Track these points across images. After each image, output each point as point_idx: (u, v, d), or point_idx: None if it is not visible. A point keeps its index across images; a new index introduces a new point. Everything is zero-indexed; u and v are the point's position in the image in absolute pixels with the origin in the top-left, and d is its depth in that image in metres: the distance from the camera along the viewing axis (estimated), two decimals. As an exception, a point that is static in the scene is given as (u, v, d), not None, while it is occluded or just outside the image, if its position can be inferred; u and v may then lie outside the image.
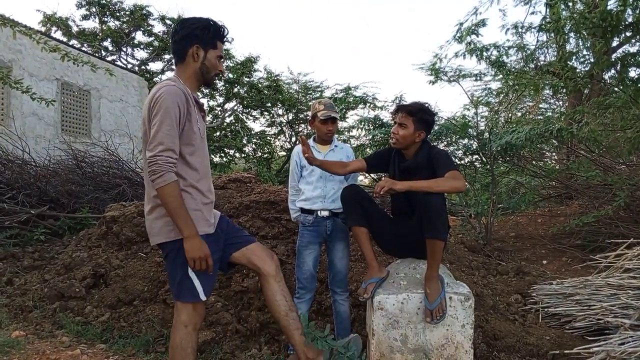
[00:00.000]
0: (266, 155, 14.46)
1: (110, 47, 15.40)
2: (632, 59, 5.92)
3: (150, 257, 3.91)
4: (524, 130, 5.57)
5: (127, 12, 14.98)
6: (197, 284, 2.11)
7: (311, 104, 3.12)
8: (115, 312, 3.44)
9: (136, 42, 15.52)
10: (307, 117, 5.40)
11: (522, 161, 7.20)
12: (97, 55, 12.79)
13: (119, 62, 14.52)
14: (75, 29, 15.09)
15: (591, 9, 5.81)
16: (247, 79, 13.93)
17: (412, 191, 2.43)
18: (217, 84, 13.55)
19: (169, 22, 15.24)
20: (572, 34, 6.84)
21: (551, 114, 12.09)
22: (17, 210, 5.50)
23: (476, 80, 9.43)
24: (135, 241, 4.14)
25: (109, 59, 14.05)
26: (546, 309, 3.67)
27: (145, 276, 3.66)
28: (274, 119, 14.44)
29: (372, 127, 7.07)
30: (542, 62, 8.35)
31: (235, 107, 14.65)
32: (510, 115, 11.41)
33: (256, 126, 23.47)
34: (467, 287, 2.68)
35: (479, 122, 6.52)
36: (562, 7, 6.19)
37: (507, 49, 7.56)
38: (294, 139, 13.98)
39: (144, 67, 15.54)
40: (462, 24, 7.46)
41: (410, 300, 2.56)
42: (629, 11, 5.43)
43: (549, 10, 6.74)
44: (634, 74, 6.24)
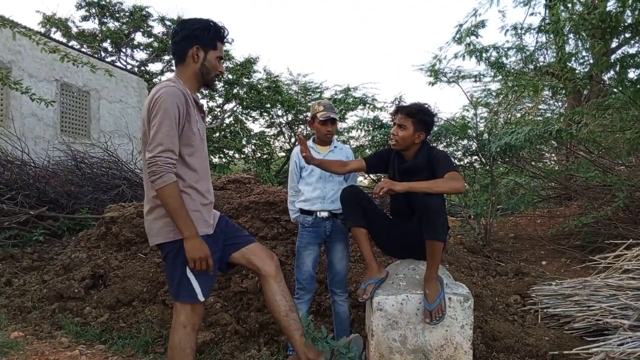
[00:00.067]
0: (265, 156, 14.45)
1: (109, 48, 15.39)
2: (631, 60, 5.94)
3: (149, 258, 3.90)
4: (523, 131, 5.57)
5: (127, 13, 14.98)
6: (196, 284, 2.11)
7: (310, 105, 3.13)
8: (114, 312, 3.44)
9: (136, 43, 15.52)
10: (307, 118, 5.40)
11: (522, 162, 7.21)
12: (96, 56, 12.79)
13: (118, 63, 14.52)
14: (74, 30, 15.09)
15: (590, 10, 5.83)
16: (246, 80, 13.93)
17: (412, 192, 2.43)
18: (217, 85, 13.55)
19: (168, 23, 15.23)
20: (571, 35, 6.86)
21: (550, 115, 12.11)
22: (16, 211, 5.49)
23: (475, 81, 9.45)
24: (134, 242, 4.14)
25: (109, 60, 14.05)
26: (545, 310, 3.67)
27: (144, 277, 3.66)
28: (273, 120, 14.43)
29: (371, 128, 7.08)
30: (542, 63, 8.36)
31: (234, 108, 14.66)
32: (509, 116, 11.42)
33: (255, 127, 23.49)
34: (466, 287, 2.68)
35: (478, 123, 6.53)
36: (562, 8, 6.20)
37: (506, 50, 7.58)
38: (293, 139, 13.98)
39: (143, 68, 15.53)
40: (461, 25, 7.48)
41: (409, 301, 2.56)
42: (628, 12, 5.45)
43: (548, 11, 6.77)
44: (633, 75, 6.26)
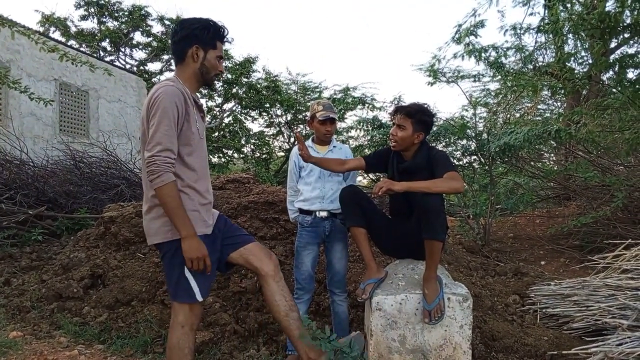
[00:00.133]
0: (265, 155, 14.45)
1: (108, 48, 15.38)
2: (630, 60, 5.94)
3: (148, 258, 3.90)
4: (522, 131, 5.57)
5: (126, 13, 14.96)
6: (194, 284, 2.10)
7: (310, 104, 3.12)
8: (113, 312, 3.43)
9: (135, 42, 15.51)
10: (306, 118, 5.40)
11: (521, 162, 7.21)
12: (95, 55, 12.77)
13: (117, 63, 14.51)
14: (73, 29, 15.07)
15: (589, 11, 5.83)
16: (245, 80, 13.92)
17: (411, 192, 2.43)
18: (216, 85, 13.54)
19: (167, 22, 15.22)
20: (570, 35, 6.86)
21: (549, 115, 12.12)
22: (15, 210, 5.48)
23: (475, 81, 9.45)
24: (133, 242, 4.14)
25: (108, 59, 14.04)
26: (544, 310, 3.68)
27: (143, 277, 3.65)
28: (272, 120, 14.43)
29: (370, 128, 7.07)
30: (541, 63, 8.36)
31: (233, 108, 14.65)
32: (508, 116, 11.42)
33: (255, 127, 23.43)
34: (465, 287, 2.69)
35: (477, 123, 6.54)
36: (561, 8, 6.20)
37: (505, 50, 7.58)
38: (292, 139, 13.97)
39: (142, 67, 15.52)
40: (460, 26, 7.49)
41: (408, 300, 2.56)
42: (627, 12, 5.45)
43: (547, 11, 6.77)
44: (632, 75, 6.27)
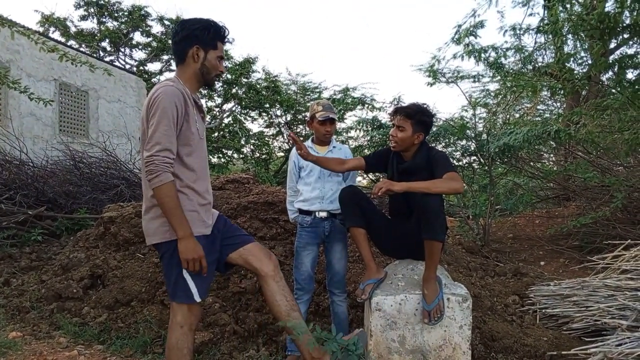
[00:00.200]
0: (264, 156, 14.44)
1: (108, 48, 15.37)
2: (630, 61, 5.95)
3: (148, 258, 3.90)
4: (521, 131, 5.58)
5: (126, 13, 14.96)
6: (192, 285, 2.10)
7: (309, 105, 3.12)
8: (112, 313, 3.43)
9: (134, 42, 15.50)
10: (305, 118, 5.40)
11: (520, 162, 7.22)
12: (95, 55, 12.77)
13: (117, 63, 14.51)
14: (73, 29, 15.07)
15: (589, 11, 5.84)
16: (245, 80, 13.92)
17: (410, 192, 2.44)
18: (216, 85, 13.53)
19: (167, 22, 15.21)
20: (569, 36, 6.86)
21: (549, 115, 12.12)
22: (15, 210, 5.48)
23: (474, 81, 9.45)
24: (133, 242, 4.14)
25: (107, 59, 14.03)
26: (544, 310, 3.68)
27: (142, 277, 3.65)
28: (272, 120, 14.42)
29: (370, 128, 7.07)
30: (540, 64, 8.37)
31: (233, 108, 14.65)
32: (508, 116, 11.42)
33: (254, 127, 23.39)
34: (464, 288, 2.69)
35: (477, 123, 6.54)
36: (560, 9, 6.21)
37: (505, 50, 7.59)
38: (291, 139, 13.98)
39: (142, 67, 15.52)
40: (460, 26, 7.50)
41: (408, 301, 2.56)
42: (627, 13, 5.45)
43: (547, 12, 6.77)
44: (631, 75, 6.27)
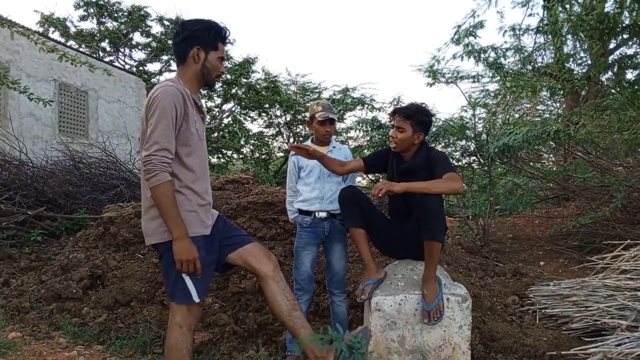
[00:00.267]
0: (264, 156, 14.43)
1: (108, 48, 15.37)
2: (629, 61, 5.95)
3: (147, 258, 3.90)
4: (521, 131, 5.58)
5: (125, 13, 14.96)
6: (191, 285, 2.10)
7: (309, 105, 3.12)
8: (112, 313, 3.43)
9: (134, 43, 15.49)
10: (305, 118, 5.40)
11: (520, 163, 7.22)
12: (94, 56, 12.76)
13: (116, 63, 14.50)
14: (73, 29, 15.06)
15: (588, 11, 5.84)
16: (245, 80, 13.92)
17: (410, 192, 2.44)
18: (217, 85, 13.52)
19: (167, 23, 15.21)
20: (569, 36, 6.87)
21: (548, 115, 12.12)
22: (14, 211, 5.48)
23: (474, 81, 9.42)
24: (132, 242, 4.14)
25: (107, 59, 14.03)
26: (543, 310, 3.68)
27: (142, 277, 3.65)
28: (271, 120, 14.42)
29: (370, 129, 7.08)
30: (540, 64, 8.37)
31: (233, 108, 14.64)
32: (507, 116, 11.42)
33: (254, 127, 23.43)
34: (464, 288, 2.69)
35: (476, 123, 6.55)
36: (560, 9, 6.21)
37: (504, 50, 7.59)
38: (292, 140, 13.96)
39: (141, 68, 15.51)
40: (460, 26, 7.50)
41: (407, 301, 2.56)
42: (626, 13, 5.46)
43: (546, 12, 6.78)
44: (630, 75, 6.27)
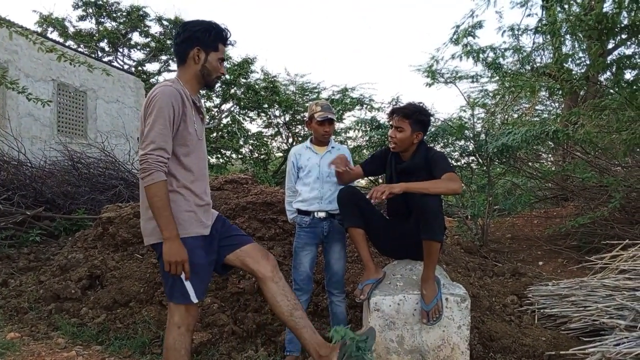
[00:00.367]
0: (263, 156, 14.42)
1: (106, 48, 15.36)
2: (628, 61, 5.95)
3: (146, 259, 3.90)
4: (520, 131, 5.58)
5: (124, 13, 14.95)
6: (189, 286, 2.09)
7: (308, 105, 3.13)
8: (111, 313, 3.43)
9: (133, 43, 15.49)
10: (304, 119, 5.41)
11: (518, 163, 7.22)
12: (93, 56, 12.75)
13: (115, 63, 14.49)
14: (71, 29, 15.05)
15: (587, 12, 5.84)
16: (244, 80, 13.91)
17: (409, 192, 2.44)
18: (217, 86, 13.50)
19: (165, 23, 15.21)
20: (568, 36, 6.87)
21: (547, 115, 12.14)
22: (13, 211, 5.47)
23: (473, 82, 9.45)
24: (131, 242, 4.13)
25: (106, 59, 14.02)
26: (542, 310, 3.68)
27: (141, 277, 3.65)
28: (270, 120, 14.40)
29: (369, 129, 7.09)
30: (538, 64, 8.38)
31: (232, 108, 14.63)
32: (506, 116, 11.45)
33: (253, 127, 23.42)
34: (463, 288, 2.69)
35: (475, 123, 6.55)
36: (558, 9, 6.21)
37: (503, 51, 7.59)
38: (290, 140, 13.95)
39: (140, 68, 15.51)
40: (458, 26, 7.50)
41: (406, 301, 2.56)
42: (624, 14, 5.46)
43: (545, 12, 6.78)
44: (629, 76, 6.27)
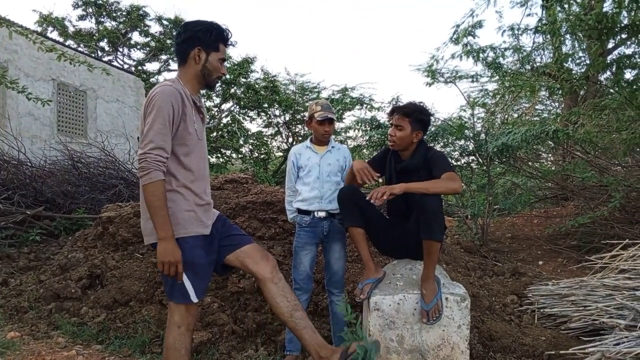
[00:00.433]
0: (263, 156, 14.41)
1: (106, 48, 15.37)
2: (627, 61, 5.94)
3: (146, 258, 3.90)
4: (520, 131, 5.58)
5: (124, 13, 14.96)
6: (189, 285, 2.09)
7: (308, 104, 3.13)
8: (111, 312, 3.43)
9: (133, 42, 15.50)
10: (304, 118, 5.41)
11: (518, 162, 7.23)
12: (93, 55, 12.75)
13: (115, 63, 14.49)
14: (71, 29, 15.06)
15: (587, 11, 5.84)
16: (244, 80, 13.90)
17: (409, 192, 2.44)
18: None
19: (165, 22, 15.22)
20: (568, 36, 6.87)
21: (547, 115, 12.13)
22: (13, 210, 5.47)
23: (473, 81, 9.43)
24: (131, 242, 4.13)
25: (106, 59, 14.03)
26: (542, 310, 3.69)
27: (141, 277, 3.65)
28: (270, 120, 14.40)
29: (368, 128, 7.09)
30: (538, 64, 8.38)
31: (232, 108, 14.63)
32: (506, 116, 11.45)
33: (253, 127, 23.46)
34: (463, 287, 2.69)
35: (475, 123, 6.55)
36: (558, 9, 6.21)
37: (503, 50, 7.59)
38: (290, 139, 13.96)
39: (140, 67, 15.51)
40: (458, 26, 7.50)
41: (406, 301, 2.56)
42: (624, 13, 5.46)
43: (545, 12, 6.78)
44: (629, 75, 6.26)
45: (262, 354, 2.95)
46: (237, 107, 14.37)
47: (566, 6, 6.62)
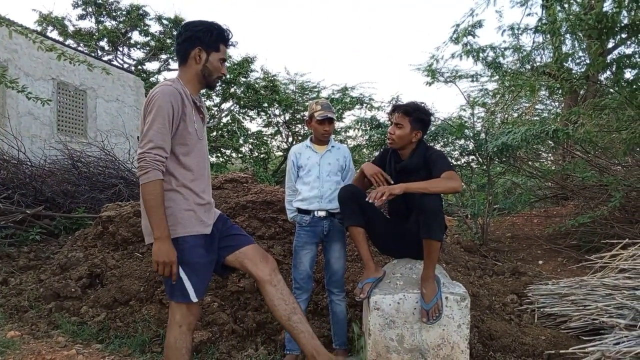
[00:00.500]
0: (263, 155, 14.41)
1: (106, 47, 15.36)
2: (628, 61, 5.94)
3: (146, 257, 3.90)
4: (520, 131, 5.59)
5: (124, 12, 14.95)
6: (189, 285, 2.09)
7: (308, 104, 3.13)
8: (111, 312, 3.43)
9: (132, 42, 15.49)
10: (304, 118, 5.40)
11: (518, 162, 7.23)
12: (93, 55, 12.74)
13: (115, 62, 14.49)
14: (71, 28, 15.05)
15: (587, 11, 5.84)
16: (243, 79, 13.90)
17: (409, 192, 2.44)
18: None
19: (165, 22, 15.21)
20: (568, 36, 6.86)
21: (547, 115, 12.14)
22: (13, 210, 5.47)
23: (472, 81, 9.43)
24: (131, 241, 4.13)
25: (105, 58, 14.01)
26: (542, 309, 3.69)
27: (141, 276, 3.65)
28: (270, 119, 14.40)
29: (368, 128, 7.09)
30: (538, 64, 8.37)
31: (231, 107, 14.63)
32: (506, 116, 11.46)
33: (253, 126, 23.46)
34: (463, 287, 2.69)
35: (475, 122, 6.55)
36: (558, 8, 6.21)
37: (503, 50, 7.58)
38: (290, 139, 13.96)
39: (140, 67, 15.50)
40: (458, 25, 7.48)
41: (406, 300, 2.57)
42: (624, 13, 5.45)
43: (545, 11, 6.77)
44: (629, 75, 6.26)
45: (262, 353, 2.95)
46: (237, 106, 14.37)
47: (566, 6, 6.61)
